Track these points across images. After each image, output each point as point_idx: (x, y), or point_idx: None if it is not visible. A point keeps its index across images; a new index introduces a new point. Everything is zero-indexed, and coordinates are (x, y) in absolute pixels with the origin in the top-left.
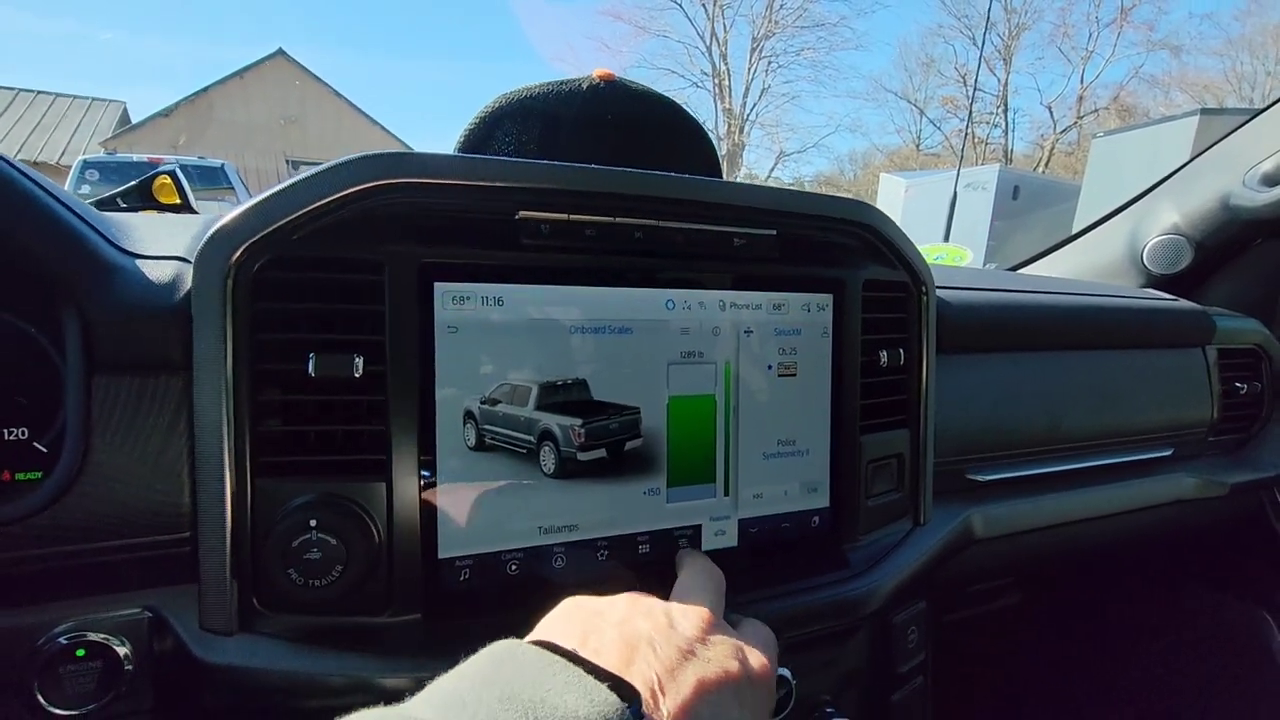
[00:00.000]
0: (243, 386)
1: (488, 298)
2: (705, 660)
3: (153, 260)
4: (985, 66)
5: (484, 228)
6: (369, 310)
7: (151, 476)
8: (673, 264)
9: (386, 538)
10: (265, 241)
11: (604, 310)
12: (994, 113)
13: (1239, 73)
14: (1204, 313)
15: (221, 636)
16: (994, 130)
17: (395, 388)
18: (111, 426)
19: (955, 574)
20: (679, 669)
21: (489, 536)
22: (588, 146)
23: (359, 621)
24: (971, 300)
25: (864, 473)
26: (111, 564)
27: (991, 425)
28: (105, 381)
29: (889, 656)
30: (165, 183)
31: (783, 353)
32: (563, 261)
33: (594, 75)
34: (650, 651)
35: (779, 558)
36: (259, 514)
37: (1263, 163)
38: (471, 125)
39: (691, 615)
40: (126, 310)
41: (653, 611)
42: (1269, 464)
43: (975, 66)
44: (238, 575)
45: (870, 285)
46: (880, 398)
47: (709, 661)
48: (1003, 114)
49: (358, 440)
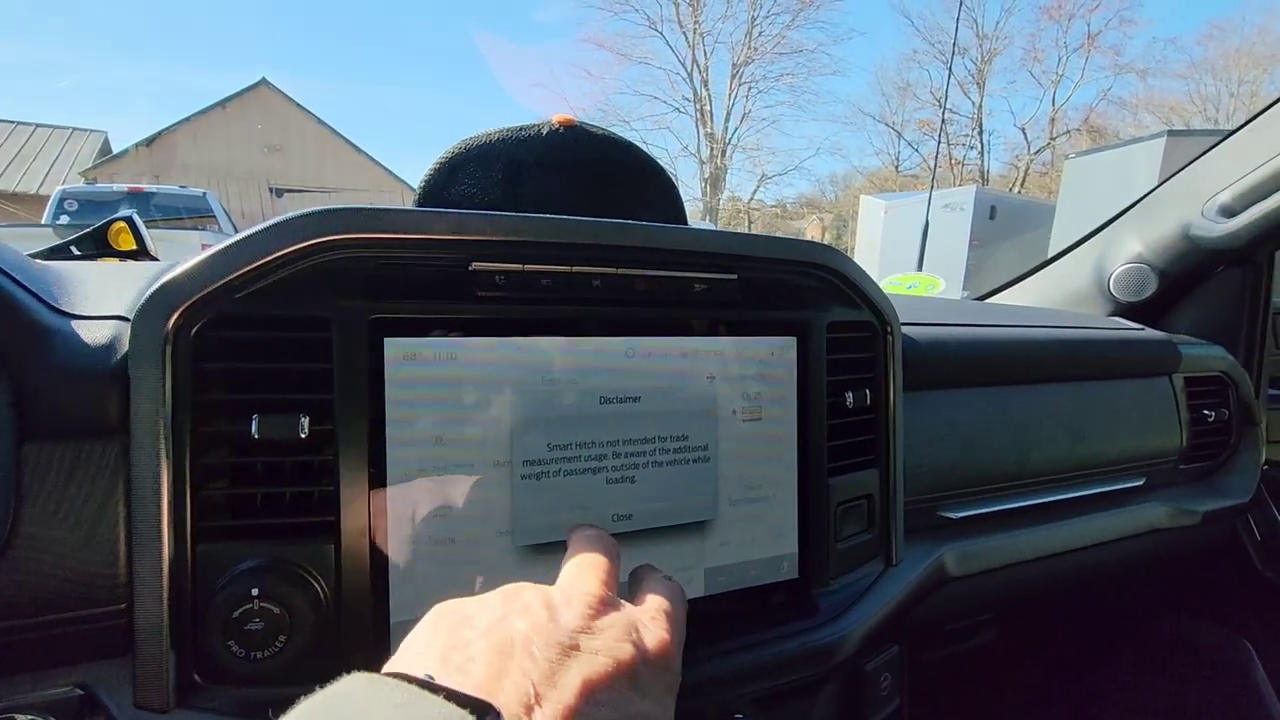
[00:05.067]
0: (183, 449)
1: (441, 352)
2: (592, 653)
3: (89, 321)
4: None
5: (436, 280)
6: (316, 369)
7: (85, 546)
8: (632, 312)
9: (335, 602)
10: (207, 300)
11: (563, 362)
12: (970, 134)
13: (1203, 94)
14: (1169, 341)
15: (157, 714)
16: (970, 152)
17: (344, 447)
18: (43, 497)
19: (930, 614)
20: (560, 671)
21: (445, 597)
22: (550, 191)
23: (306, 691)
24: (938, 337)
25: (833, 515)
26: (41, 640)
27: (962, 461)
28: (37, 449)
29: (861, 706)
30: (122, 229)
31: (746, 397)
32: (520, 313)
33: (554, 120)
34: (525, 657)
35: (747, 606)
36: (200, 582)
37: (1220, 194)
38: (431, 171)
39: (576, 601)
40: (60, 375)
41: (530, 607)
42: (1239, 490)
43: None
44: (176, 647)
45: (834, 326)
46: (848, 438)
47: (596, 654)
48: (978, 135)
49: (305, 502)
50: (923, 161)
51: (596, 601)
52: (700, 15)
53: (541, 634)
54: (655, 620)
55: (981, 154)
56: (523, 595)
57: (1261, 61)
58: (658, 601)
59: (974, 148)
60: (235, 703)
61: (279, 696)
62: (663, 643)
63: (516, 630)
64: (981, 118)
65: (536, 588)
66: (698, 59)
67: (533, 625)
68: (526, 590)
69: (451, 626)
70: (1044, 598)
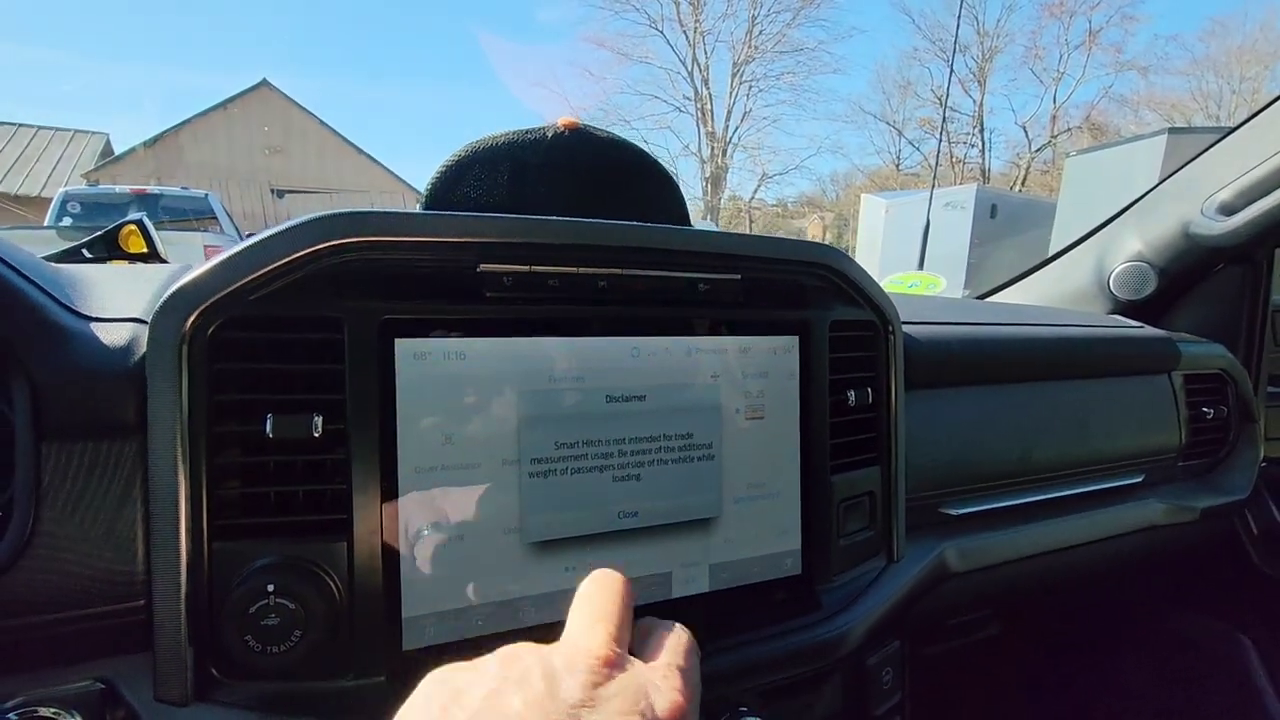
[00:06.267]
0: (199, 449)
1: (450, 352)
2: None
3: (107, 323)
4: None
5: (446, 282)
6: (328, 369)
7: (104, 544)
8: (638, 312)
9: (348, 599)
10: (222, 303)
11: (569, 361)
12: (971, 133)
13: (1205, 92)
14: (1169, 339)
15: (177, 707)
16: (971, 150)
17: (356, 446)
18: (63, 495)
19: (931, 609)
20: None
21: (456, 593)
22: (555, 193)
23: (321, 686)
24: (940, 335)
25: (836, 512)
26: (62, 635)
27: (963, 458)
28: (56, 448)
29: (864, 700)
30: (132, 232)
31: (750, 396)
32: (527, 313)
33: (559, 124)
34: None
35: (751, 602)
36: (216, 579)
37: (1219, 192)
38: (438, 174)
39: (579, 665)
40: (78, 375)
41: (528, 676)
42: (1238, 487)
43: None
44: (194, 643)
45: (836, 326)
46: (850, 436)
47: None
48: (979, 134)
49: (318, 500)
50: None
51: (601, 664)
52: (701, 14)
53: (538, 712)
54: (667, 679)
55: (982, 152)
56: (521, 661)
57: (1263, 59)
58: (668, 657)
59: (975, 146)
60: (252, 696)
61: (295, 690)
62: (676, 705)
63: (510, 708)
64: (982, 116)
65: (536, 650)
66: (698, 58)
67: (529, 701)
68: (526, 655)
69: (443, 706)
70: (1044, 593)
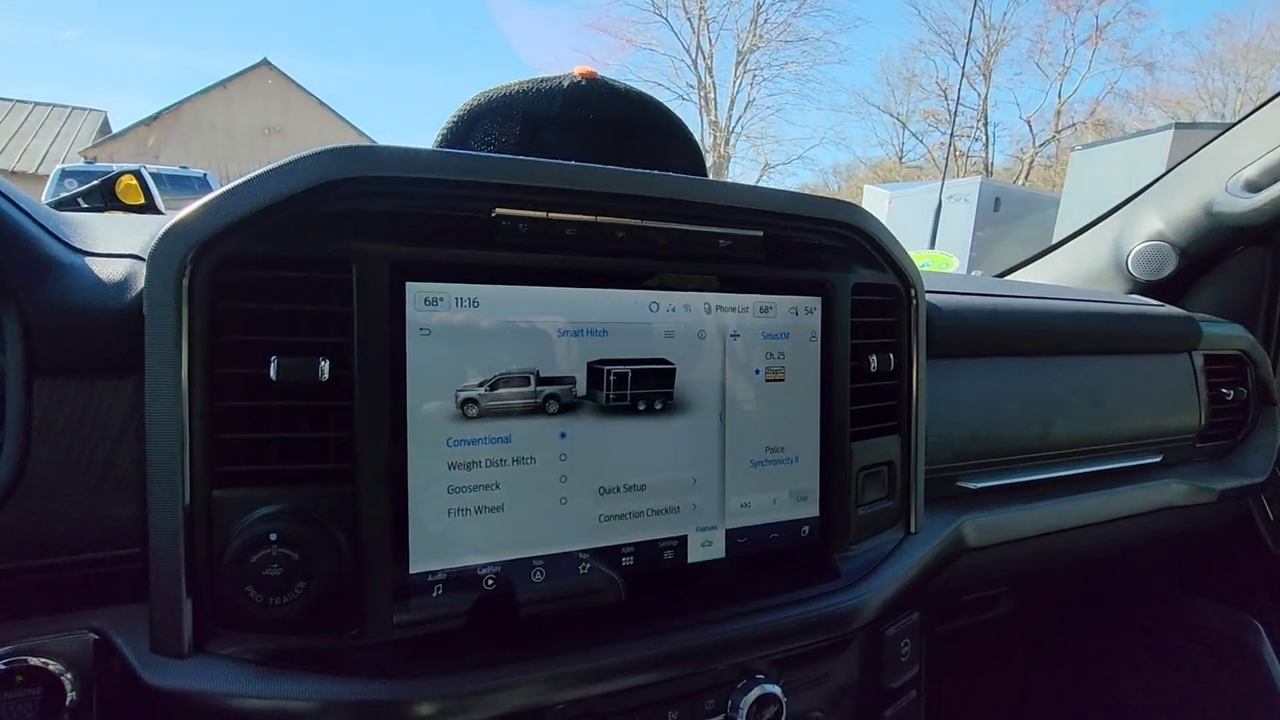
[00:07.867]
0: (199, 391)
1: (462, 299)
2: None
3: (104, 258)
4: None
5: (459, 226)
6: (335, 311)
7: (99, 487)
8: (656, 265)
9: (353, 551)
10: (224, 238)
11: (585, 313)
12: (975, 126)
13: (1211, 89)
14: (1190, 318)
15: (174, 660)
16: (975, 144)
17: (363, 392)
18: (55, 434)
19: (947, 584)
20: None
21: (464, 549)
22: (569, 146)
23: (324, 641)
24: (961, 305)
25: (855, 480)
26: (54, 582)
27: (982, 431)
28: (49, 385)
29: (881, 671)
30: (130, 183)
31: (770, 357)
32: (542, 262)
33: (575, 73)
34: None
35: (768, 569)
36: (216, 526)
37: (1245, 169)
38: (450, 123)
39: None
40: (72, 310)
41: None
42: (1256, 470)
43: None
44: (192, 593)
45: (859, 289)
46: (870, 403)
47: None
48: (983, 128)
49: (323, 447)
50: (927, 152)
51: None
52: (705, 1)
53: None
54: None
55: (986, 146)
56: None
57: (1270, 57)
58: None
59: (978, 139)
60: (253, 650)
61: (297, 646)
62: None
63: None
64: (987, 109)
65: None
66: (702, 46)
67: None
68: None
69: None
70: (1060, 572)
